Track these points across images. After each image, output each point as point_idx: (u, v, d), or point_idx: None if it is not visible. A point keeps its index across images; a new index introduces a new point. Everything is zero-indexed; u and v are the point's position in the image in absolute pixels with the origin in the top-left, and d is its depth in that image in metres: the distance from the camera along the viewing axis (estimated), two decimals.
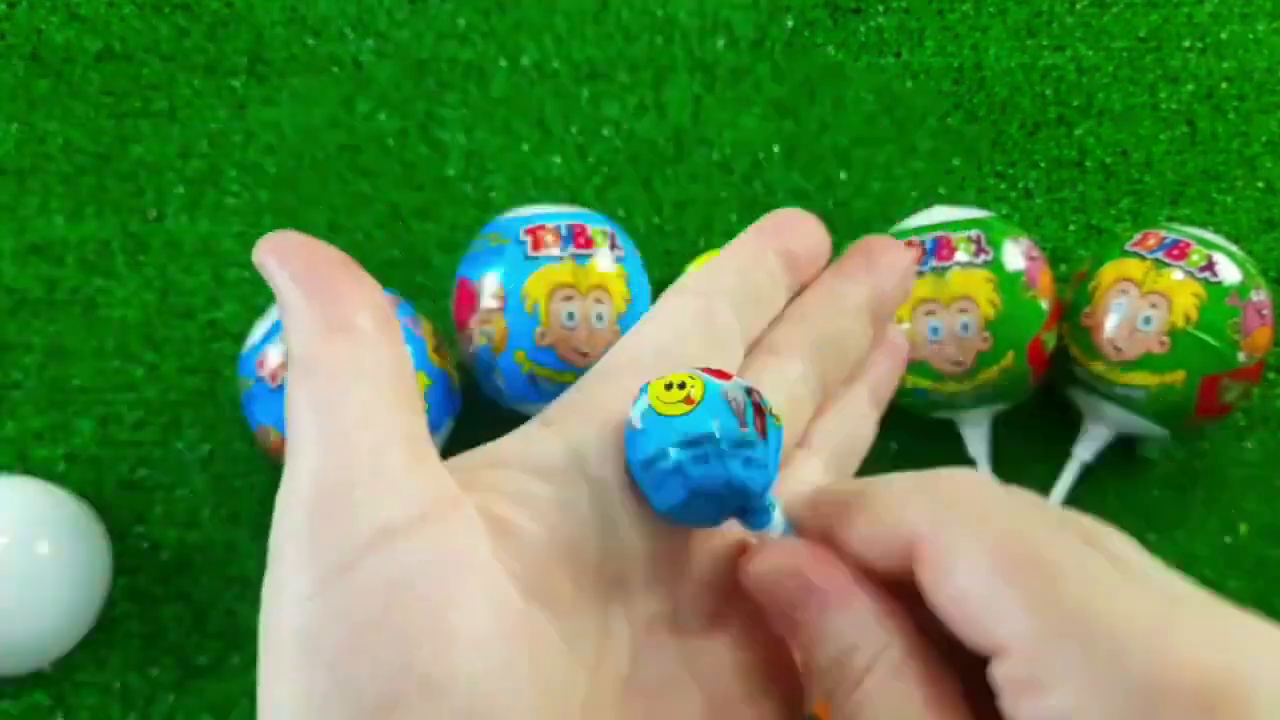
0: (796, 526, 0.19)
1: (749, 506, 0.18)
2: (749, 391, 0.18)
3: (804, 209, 0.23)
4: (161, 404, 0.48)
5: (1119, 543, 0.16)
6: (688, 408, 0.17)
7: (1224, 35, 0.54)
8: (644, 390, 0.18)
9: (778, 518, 0.19)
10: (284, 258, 0.18)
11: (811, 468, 0.22)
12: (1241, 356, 0.42)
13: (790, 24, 0.54)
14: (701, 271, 0.22)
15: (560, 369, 0.41)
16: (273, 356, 0.41)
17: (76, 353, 0.48)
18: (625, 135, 0.52)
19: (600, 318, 0.42)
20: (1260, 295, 0.42)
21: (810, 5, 0.54)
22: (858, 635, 0.17)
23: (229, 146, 0.51)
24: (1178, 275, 0.42)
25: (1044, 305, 0.43)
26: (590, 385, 0.20)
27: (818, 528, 0.18)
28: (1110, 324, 0.43)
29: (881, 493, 0.18)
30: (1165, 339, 0.42)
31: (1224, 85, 0.53)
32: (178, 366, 0.48)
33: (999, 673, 0.15)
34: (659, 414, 0.17)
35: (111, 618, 0.45)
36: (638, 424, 0.18)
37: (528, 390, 0.42)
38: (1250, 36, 0.54)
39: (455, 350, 0.44)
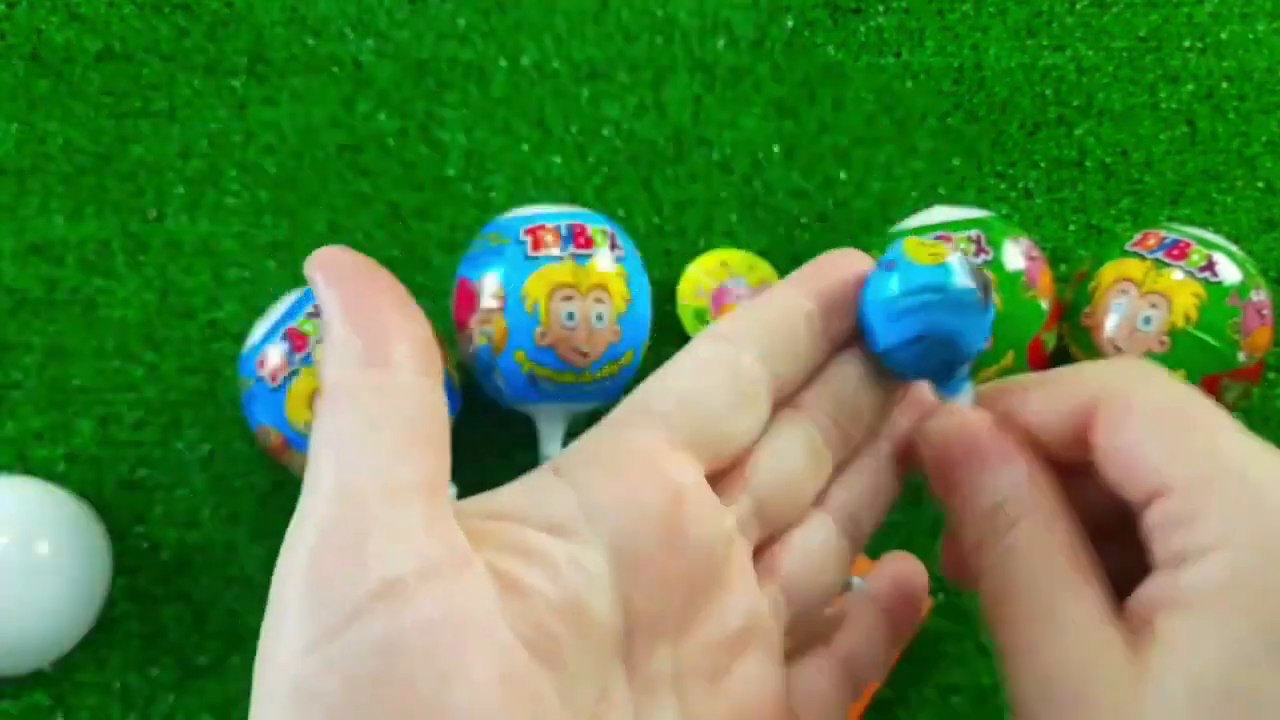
0: (978, 403, 0.20)
1: (954, 365, 0.20)
2: (983, 267, 0.19)
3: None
4: (161, 404, 0.48)
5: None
6: (937, 261, 0.19)
7: (1224, 35, 0.54)
8: (898, 241, 0.20)
9: (967, 389, 0.20)
10: (333, 279, 0.18)
11: (824, 529, 0.22)
12: (1241, 356, 0.42)
13: (790, 24, 0.54)
14: (733, 318, 0.21)
15: (560, 369, 0.41)
16: (273, 356, 0.41)
17: (76, 353, 0.48)
18: (625, 135, 0.52)
19: (600, 318, 0.42)
20: (1260, 295, 0.42)
21: (810, 5, 0.54)
22: (1015, 490, 0.19)
23: (229, 146, 0.51)
24: (1178, 275, 0.42)
25: (1044, 305, 0.43)
26: (606, 434, 0.20)
27: (999, 408, 0.20)
28: (1110, 324, 0.43)
29: (1062, 372, 0.20)
30: (1165, 339, 0.42)
31: (1224, 85, 0.53)
32: (178, 366, 0.48)
33: (1158, 511, 0.17)
34: (914, 260, 0.19)
35: (111, 618, 0.45)
36: (892, 264, 0.19)
37: (528, 390, 0.42)
38: (1250, 36, 0.54)
39: (455, 350, 0.44)
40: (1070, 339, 0.45)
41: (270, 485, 0.47)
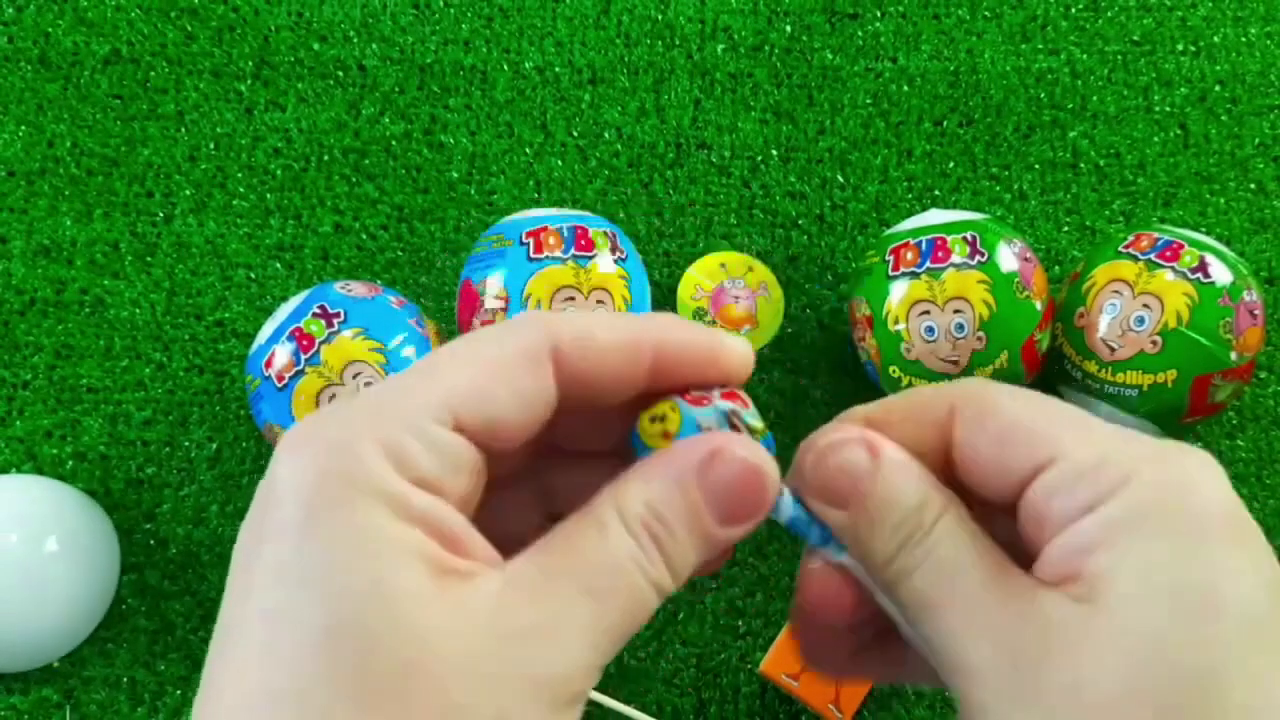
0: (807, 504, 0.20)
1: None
2: (727, 415, 0.19)
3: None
4: (169, 403, 0.48)
5: None
6: (666, 443, 0.19)
7: (1216, 39, 0.55)
8: (637, 418, 0.20)
9: (786, 506, 0.20)
10: None
11: None
12: (1233, 356, 0.42)
13: (789, 29, 0.55)
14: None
15: None
16: (280, 356, 0.41)
17: (85, 352, 0.49)
18: (626, 139, 0.53)
19: None
20: (1251, 296, 0.43)
21: (808, 11, 0.55)
22: (927, 492, 0.20)
23: (236, 149, 0.52)
24: (1170, 276, 0.43)
25: (1038, 306, 0.43)
26: None
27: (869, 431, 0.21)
28: (1103, 324, 0.43)
29: (919, 390, 0.21)
30: (1157, 339, 0.42)
31: (1216, 88, 0.54)
32: (185, 366, 0.49)
33: (1052, 476, 0.18)
34: (646, 445, 0.19)
35: (119, 613, 0.45)
36: (634, 448, 0.20)
37: None
38: (1242, 40, 0.55)
39: None
40: (1064, 339, 0.45)
41: None
